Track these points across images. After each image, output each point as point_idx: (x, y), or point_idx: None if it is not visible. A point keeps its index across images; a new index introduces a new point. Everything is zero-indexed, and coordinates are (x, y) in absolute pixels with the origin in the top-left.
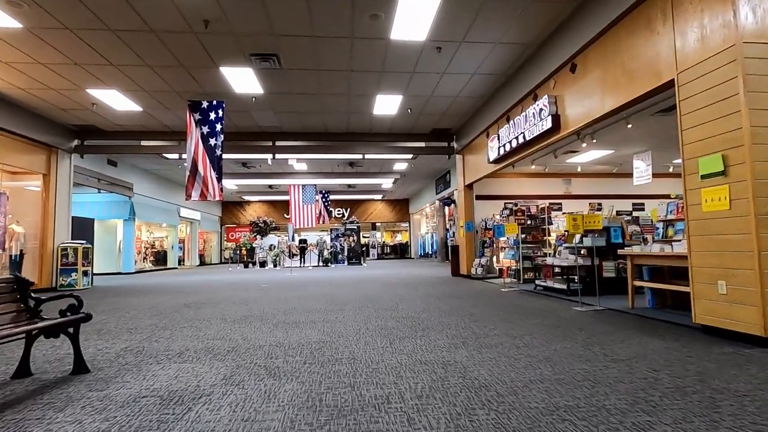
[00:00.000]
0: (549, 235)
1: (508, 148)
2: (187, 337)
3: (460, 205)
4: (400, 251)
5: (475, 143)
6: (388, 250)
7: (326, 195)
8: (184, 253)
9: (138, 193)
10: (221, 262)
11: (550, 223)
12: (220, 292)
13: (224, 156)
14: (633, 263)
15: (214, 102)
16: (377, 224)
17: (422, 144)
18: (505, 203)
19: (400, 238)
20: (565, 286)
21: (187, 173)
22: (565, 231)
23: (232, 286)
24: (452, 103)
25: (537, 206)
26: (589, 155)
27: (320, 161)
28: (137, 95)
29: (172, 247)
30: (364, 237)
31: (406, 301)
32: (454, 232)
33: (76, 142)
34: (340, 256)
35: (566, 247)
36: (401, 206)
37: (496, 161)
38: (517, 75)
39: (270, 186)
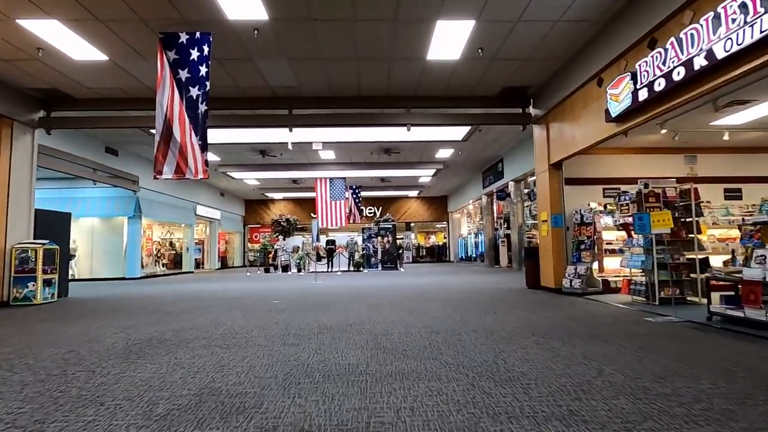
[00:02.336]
0: (698, 232)
1: (660, 86)
2: None
3: (542, 193)
4: (437, 254)
5: (570, 102)
6: (424, 253)
7: (357, 190)
8: (203, 256)
9: (145, 187)
10: (244, 265)
11: (700, 215)
12: (206, 316)
13: (231, 138)
14: None
15: (197, 34)
16: (411, 224)
17: (487, 110)
18: (604, 189)
19: (434, 239)
20: None
21: (157, 139)
22: (757, 227)
23: (233, 302)
24: (546, 36)
25: (676, 188)
26: (756, 111)
27: (350, 146)
28: (92, 31)
29: (188, 249)
30: (398, 238)
31: (506, 347)
32: (504, 233)
33: (41, 114)
34: (373, 259)
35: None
36: (438, 204)
37: (626, 116)
38: None
39: (294, 180)
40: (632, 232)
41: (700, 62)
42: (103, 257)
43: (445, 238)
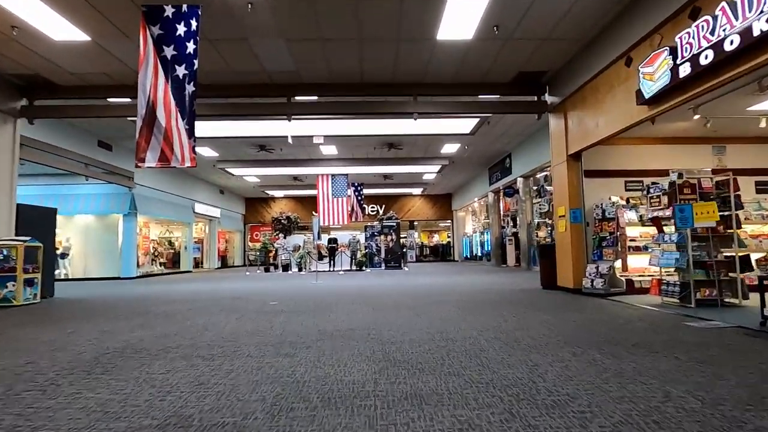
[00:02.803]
0: (738, 227)
1: (708, 58)
2: None
3: (560, 186)
4: (442, 253)
5: (592, 87)
6: (428, 252)
7: (359, 188)
8: (202, 255)
9: (141, 183)
10: (245, 265)
11: (740, 207)
12: (196, 319)
13: (228, 131)
14: None
15: (184, 7)
16: (415, 223)
17: (500, 98)
18: (626, 181)
19: (438, 238)
20: None
21: (139, 123)
22: None
23: (227, 303)
24: (568, 13)
25: (711, 179)
26: None
27: (352, 141)
28: (71, 6)
29: (186, 248)
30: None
31: (539, 359)
32: (512, 231)
33: (23, 102)
34: (376, 258)
35: None
36: (442, 202)
37: (661, 96)
38: None
39: (295, 177)
40: (663, 227)
41: (760, 27)
42: (97, 256)
43: (448, 236)
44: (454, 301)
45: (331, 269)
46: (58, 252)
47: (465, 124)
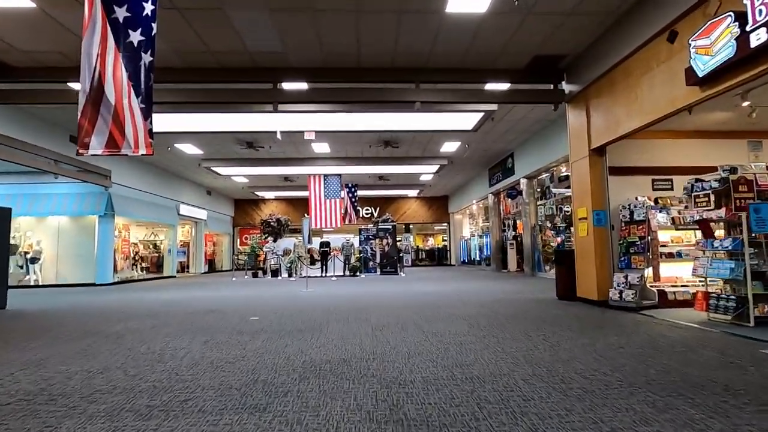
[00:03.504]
0: None
1: None
2: None
3: (580, 185)
4: (438, 257)
5: (623, 69)
6: (423, 256)
7: (353, 189)
8: (188, 259)
9: (118, 183)
10: (234, 269)
11: None
12: (153, 342)
13: (210, 124)
14: None
15: None
16: (410, 226)
17: (512, 86)
18: (653, 180)
19: (432, 242)
20: None
21: (82, 101)
22: None
23: (199, 319)
24: None
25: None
26: None
27: (346, 138)
28: None
29: (169, 251)
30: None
31: (612, 418)
32: (513, 234)
33: None
34: (371, 263)
35: None
36: (439, 205)
37: (722, 73)
38: None
39: (286, 178)
40: (713, 233)
41: None
42: (71, 261)
43: (444, 240)
44: (466, 315)
45: (324, 274)
46: (28, 256)
47: (467, 121)
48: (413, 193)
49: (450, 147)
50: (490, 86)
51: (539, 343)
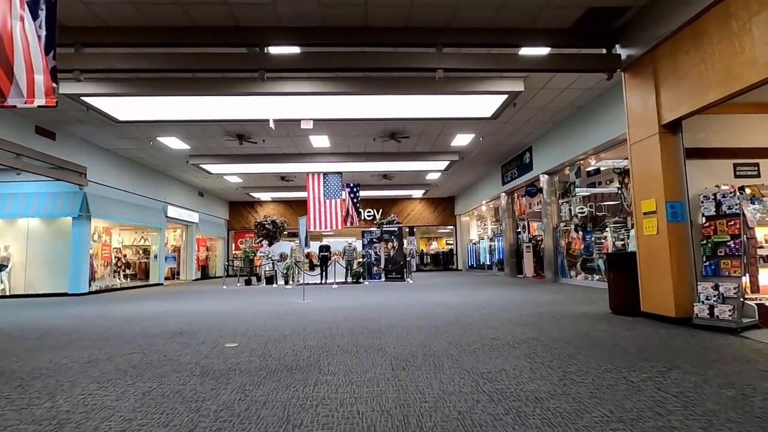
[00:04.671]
0: None
1: None
2: None
3: (645, 171)
4: (443, 261)
5: (714, 18)
6: (429, 260)
7: (355, 189)
8: (178, 264)
9: (95, 181)
10: (229, 275)
11: None
12: (71, 392)
13: (192, 110)
14: None
15: None
16: (414, 228)
17: (553, 50)
18: (735, 164)
19: (436, 245)
20: None
21: None
22: None
23: (157, 349)
24: None
25: None
26: None
27: (348, 130)
28: None
29: (155, 257)
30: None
31: None
32: (529, 236)
33: None
34: (375, 268)
35: None
36: (445, 206)
37: None
38: None
39: (282, 177)
40: None
41: None
42: (43, 268)
43: (447, 244)
44: (512, 339)
45: (323, 281)
46: None
47: (486, 106)
48: (418, 194)
49: (462, 140)
50: (525, 51)
51: (656, 395)
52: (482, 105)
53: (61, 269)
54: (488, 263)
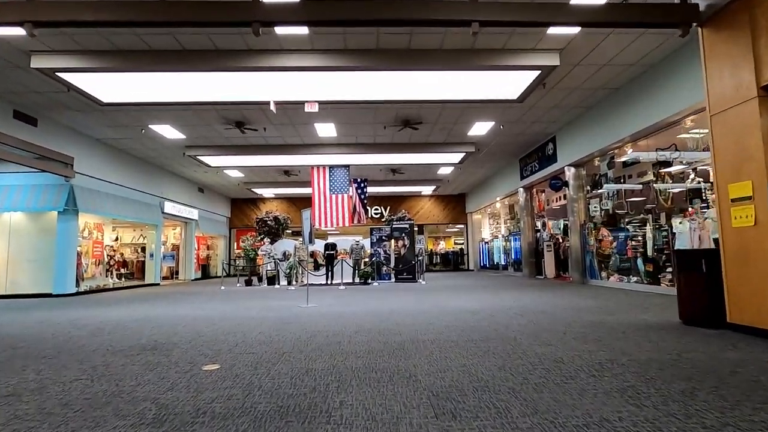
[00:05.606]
0: None
1: None
2: None
3: (730, 145)
4: (453, 262)
5: None
6: (438, 260)
7: (363, 184)
8: (177, 263)
9: (83, 173)
10: (231, 275)
11: None
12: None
13: (182, 87)
14: None
15: None
16: (422, 227)
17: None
18: None
19: (443, 245)
20: None
21: None
22: None
23: (114, 371)
24: None
25: None
26: None
27: (357, 116)
28: None
29: (151, 256)
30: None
31: None
32: (549, 234)
33: None
34: (384, 268)
35: None
36: (455, 204)
37: None
38: None
39: (286, 171)
40: None
41: None
42: (26, 266)
43: (456, 243)
44: (588, 365)
45: (329, 282)
46: None
47: (513, 86)
48: (428, 190)
49: (480, 129)
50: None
51: None
52: (508, 85)
53: (45, 268)
54: (503, 263)
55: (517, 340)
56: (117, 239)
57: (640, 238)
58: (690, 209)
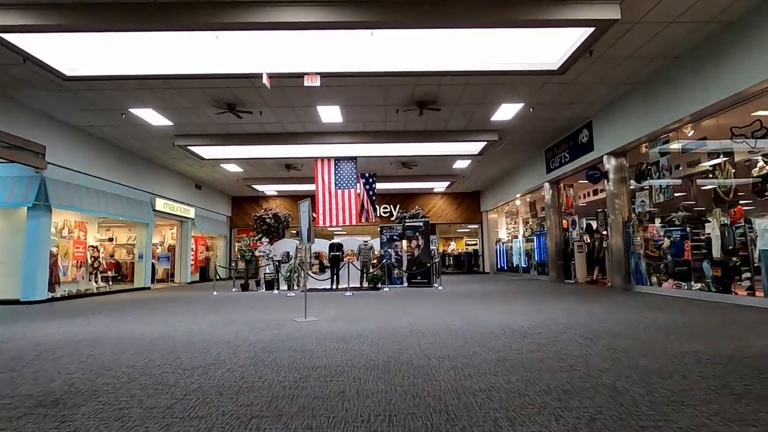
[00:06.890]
0: None
1: None
2: None
3: None
4: (467, 264)
5: None
6: (451, 262)
7: (371, 180)
8: (172, 265)
9: (56, 164)
10: (229, 277)
11: None
12: None
13: (161, 62)
14: None
15: None
16: (435, 226)
17: None
18: None
19: (454, 246)
20: None
21: None
22: None
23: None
24: None
25: None
26: None
27: (365, 98)
28: None
29: (140, 257)
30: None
31: None
32: (579, 233)
33: None
34: (396, 271)
35: None
36: (469, 202)
37: None
38: None
39: (288, 166)
40: None
41: None
42: None
43: (467, 244)
44: None
45: (334, 287)
46: None
47: (554, 51)
48: (441, 187)
49: (507, 112)
50: None
51: None
52: (549, 50)
53: (13, 271)
54: (524, 266)
55: (620, 390)
56: (111, 239)
57: (702, 237)
58: None
